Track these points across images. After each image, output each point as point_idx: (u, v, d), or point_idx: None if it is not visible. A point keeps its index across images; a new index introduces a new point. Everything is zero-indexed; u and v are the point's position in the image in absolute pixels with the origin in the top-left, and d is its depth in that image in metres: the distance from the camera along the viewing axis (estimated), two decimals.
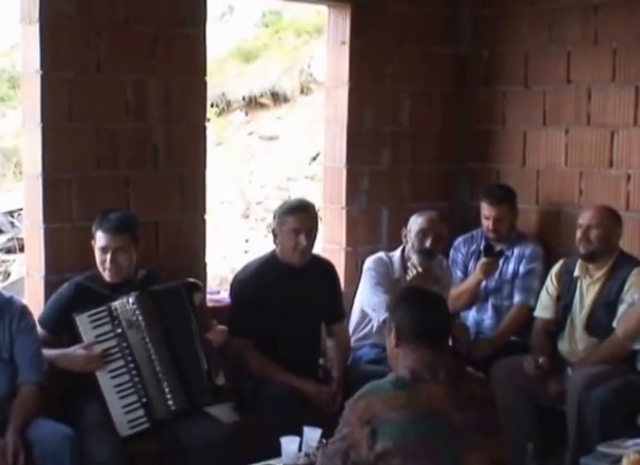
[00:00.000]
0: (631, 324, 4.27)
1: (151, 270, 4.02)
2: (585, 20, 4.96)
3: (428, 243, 4.62)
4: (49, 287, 4.03)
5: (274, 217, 4.33)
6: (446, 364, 2.81)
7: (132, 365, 3.76)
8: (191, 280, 4.00)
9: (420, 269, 4.59)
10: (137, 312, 3.77)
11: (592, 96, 4.97)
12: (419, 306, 2.91)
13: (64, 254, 4.10)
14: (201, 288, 4.03)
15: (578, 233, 4.56)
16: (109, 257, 3.86)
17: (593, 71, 4.95)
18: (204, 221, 4.50)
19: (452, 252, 5.16)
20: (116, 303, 3.76)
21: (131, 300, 3.77)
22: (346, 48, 5.03)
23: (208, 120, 4.68)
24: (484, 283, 4.94)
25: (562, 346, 4.67)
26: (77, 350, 3.71)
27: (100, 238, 3.87)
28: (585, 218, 4.58)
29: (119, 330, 3.75)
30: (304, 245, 4.23)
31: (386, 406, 2.67)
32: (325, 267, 4.46)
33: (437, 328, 2.90)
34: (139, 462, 3.75)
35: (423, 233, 4.64)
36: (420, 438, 2.65)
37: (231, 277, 4.56)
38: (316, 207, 4.49)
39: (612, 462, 3.74)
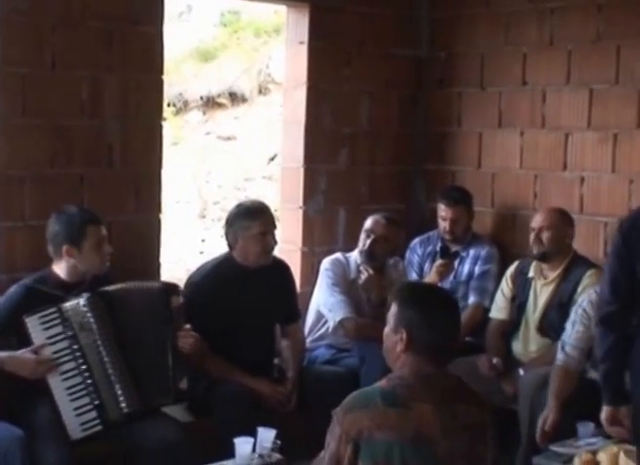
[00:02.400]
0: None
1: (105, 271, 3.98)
2: (540, 23, 5.01)
3: (367, 244, 4.67)
4: (1, 286, 3.96)
5: (230, 223, 4.27)
6: (445, 383, 2.68)
7: (84, 367, 3.70)
8: (171, 282, 3.99)
9: (371, 272, 4.62)
10: (88, 314, 3.71)
11: (547, 98, 5.01)
12: (440, 318, 2.68)
13: (16, 253, 4.06)
14: (179, 291, 3.97)
15: (531, 236, 4.62)
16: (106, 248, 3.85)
17: (549, 73, 4.99)
18: (159, 221, 4.47)
19: (408, 253, 5.18)
20: (67, 305, 3.70)
21: (82, 302, 3.71)
22: (305, 49, 5.03)
23: (165, 119, 4.66)
24: (439, 284, 4.96)
25: (516, 347, 4.71)
26: (25, 353, 3.63)
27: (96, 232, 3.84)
28: (537, 220, 4.63)
29: (71, 332, 3.69)
30: (272, 245, 4.26)
31: (373, 423, 2.56)
32: (280, 268, 4.45)
33: (450, 345, 2.74)
34: (96, 464, 3.71)
35: (366, 234, 4.70)
36: (402, 463, 2.55)
37: (186, 278, 4.53)
38: (274, 208, 4.50)
39: (564, 462, 3.78)
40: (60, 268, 3.84)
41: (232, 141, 8.39)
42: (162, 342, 3.82)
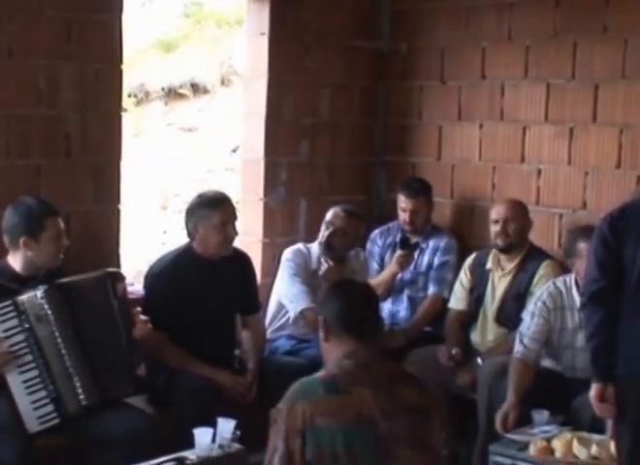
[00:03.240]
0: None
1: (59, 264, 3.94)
2: (499, 17, 5.05)
3: (325, 236, 4.71)
4: None
5: (191, 213, 4.27)
6: (382, 367, 2.76)
7: (41, 360, 3.66)
8: (113, 270, 3.96)
9: (331, 263, 4.64)
10: (45, 306, 3.67)
11: (506, 92, 5.06)
12: (345, 298, 2.86)
13: None
14: (123, 277, 3.97)
15: (495, 227, 4.65)
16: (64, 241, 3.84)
17: (507, 67, 5.04)
18: (118, 211, 4.45)
19: (368, 244, 5.21)
20: (23, 297, 3.65)
21: (39, 294, 3.67)
22: (265, 40, 5.03)
23: (126, 110, 4.64)
24: (399, 275, 5.00)
25: (474, 336, 4.76)
26: None
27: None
28: (500, 212, 4.67)
29: (27, 325, 3.64)
30: (233, 235, 4.25)
31: (315, 412, 2.61)
32: (241, 259, 4.45)
33: (364, 320, 2.83)
34: (55, 457, 3.70)
35: (325, 226, 4.74)
36: (346, 447, 2.60)
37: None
38: (235, 199, 4.50)
39: (520, 449, 3.84)
40: (16, 261, 3.80)
41: (194, 133, 8.35)
42: (117, 332, 3.81)
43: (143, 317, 3.95)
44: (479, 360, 4.54)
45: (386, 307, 5.04)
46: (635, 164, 4.65)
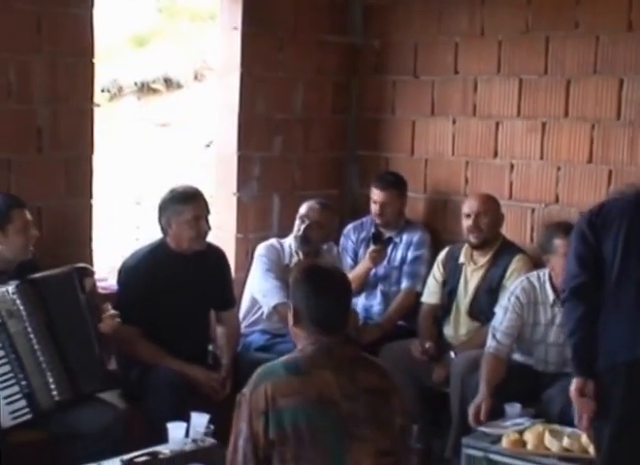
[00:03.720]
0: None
1: (30, 258, 3.91)
2: (472, 13, 5.07)
3: (301, 230, 4.71)
4: None
5: (163, 208, 4.25)
6: (345, 352, 2.79)
7: (13, 356, 3.65)
8: (81, 265, 3.94)
9: (301, 256, 4.65)
10: (17, 302, 3.66)
11: (478, 87, 5.09)
12: (319, 292, 2.81)
13: None
14: (92, 272, 3.96)
15: (468, 222, 4.67)
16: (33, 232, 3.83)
17: (480, 62, 5.06)
18: (90, 206, 4.43)
19: (342, 239, 5.22)
20: None
21: (11, 290, 3.65)
22: (238, 34, 5.01)
23: (98, 105, 4.61)
24: (373, 270, 5.01)
25: (447, 330, 4.79)
26: None
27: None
28: (472, 207, 4.69)
29: None
30: (206, 230, 4.24)
31: (277, 392, 2.64)
32: (215, 254, 4.44)
33: (335, 318, 2.83)
34: (28, 451, 3.68)
35: (300, 220, 4.75)
36: (308, 427, 2.63)
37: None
38: (209, 194, 4.50)
39: (492, 441, 3.87)
40: None
41: (167, 128, 8.33)
42: (86, 327, 3.80)
43: (112, 311, 3.93)
44: (452, 354, 4.56)
45: (359, 302, 5.05)
46: (607, 158, 4.69)
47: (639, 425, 3.29)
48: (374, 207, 5.05)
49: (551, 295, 4.26)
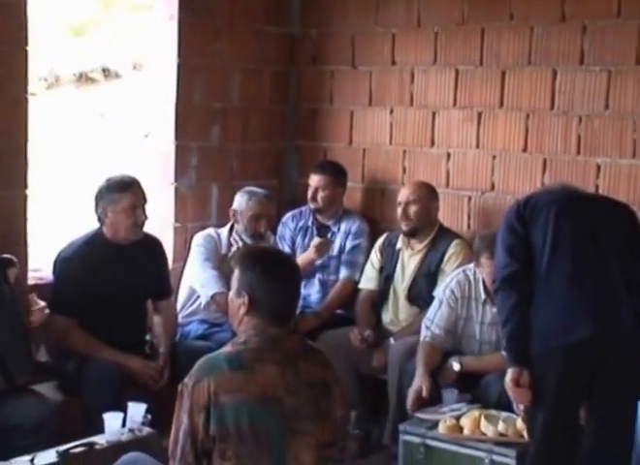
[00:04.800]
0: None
1: None
2: (409, 4, 5.10)
3: (262, 228, 4.71)
4: None
5: (99, 197, 4.22)
6: (290, 344, 2.76)
7: None
8: (4, 256, 3.88)
9: (240, 244, 4.66)
10: None
11: (415, 78, 5.13)
12: (279, 281, 2.77)
13: None
14: (15, 263, 3.88)
15: (398, 211, 4.73)
16: None
17: (416, 53, 5.10)
18: (25, 197, 4.36)
19: (280, 227, 5.23)
20: None
21: None
22: (175, 24, 4.98)
23: (34, 94, 4.54)
24: (317, 262, 5.01)
25: (386, 316, 4.83)
26: None
27: None
28: (403, 195, 4.76)
29: None
30: (143, 219, 4.22)
31: (220, 389, 2.61)
32: (151, 244, 4.42)
33: (291, 308, 2.83)
34: None
35: (256, 218, 4.73)
36: (251, 423, 2.62)
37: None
38: (147, 184, 4.46)
39: (429, 427, 3.92)
40: None
41: (105, 118, 8.25)
42: (11, 318, 3.74)
43: (41, 303, 3.88)
44: (391, 341, 4.59)
45: None
46: (541, 147, 4.76)
47: (572, 411, 3.37)
48: (309, 192, 5.06)
49: (482, 294, 4.32)
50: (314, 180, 5.05)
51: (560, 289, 3.27)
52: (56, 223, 6.98)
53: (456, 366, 4.22)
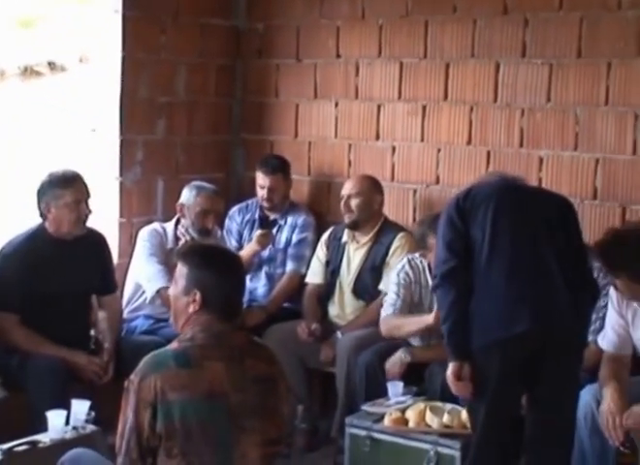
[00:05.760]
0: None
1: None
2: None
3: (209, 224, 4.70)
4: None
5: (42, 192, 4.18)
6: (235, 340, 2.76)
7: None
8: None
9: (187, 237, 4.64)
10: None
11: (360, 70, 5.14)
12: (230, 277, 2.80)
13: None
14: None
15: (341, 203, 4.75)
16: None
17: (361, 46, 5.11)
18: None
19: (227, 221, 5.22)
20: None
21: None
22: (119, 17, 4.94)
23: None
24: (260, 254, 5.02)
25: (333, 310, 4.84)
26: None
27: None
28: (346, 188, 4.78)
29: None
30: (86, 214, 4.19)
31: (167, 385, 2.61)
32: (96, 239, 4.39)
33: (239, 304, 2.86)
34: None
35: (204, 214, 4.72)
36: (197, 420, 2.62)
37: None
38: (92, 178, 4.43)
39: (375, 420, 3.94)
40: None
41: (51, 111, 8.17)
42: None
43: None
44: (339, 334, 4.61)
45: None
46: (485, 140, 4.80)
47: (513, 401, 3.41)
48: (261, 192, 5.06)
49: (430, 281, 4.35)
50: (265, 181, 5.03)
51: (498, 284, 3.29)
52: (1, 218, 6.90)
53: (406, 358, 4.24)
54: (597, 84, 4.47)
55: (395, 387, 4.10)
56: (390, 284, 4.45)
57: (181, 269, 2.80)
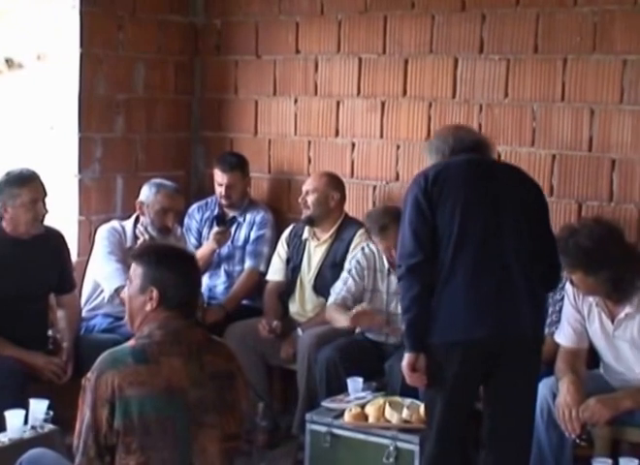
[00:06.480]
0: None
1: None
2: None
3: (169, 222, 4.67)
4: None
5: None
6: (193, 337, 2.77)
7: None
8: None
9: (147, 236, 4.62)
10: None
11: (319, 67, 5.14)
12: (186, 274, 2.81)
13: None
14: None
15: (300, 199, 4.77)
16: None
17: (320, 42, 5.12)
18: None
19: (186, 219, 5.21)
20: None
21: None
22: (77, 14, 4.92)
23: None
24: (218, 251, 5.01)
25: (293, 307, 4.85)
26: None
27: None
28: (305, 185, 4.81)
29: None
30: (43, 213, 4.16)
31: (124, 382, 2.61)
32: (54, 238, 4.36)
33: (195, 300, 2.87)
34: None
35: (164, 212, 4.69)
36: (156, 416, 2.62)
37: None
38: (50, 177, 4.42)
39: (335, 416, 3.94)
40: None
41: (8, 109, 8.07)
42: None
43: None
44: (299, 331, 4.61)
45: (204, 282, 5.03)
46: None
47: (470, 396, 3.42)
48: (220, 190, 5.05)
49: (386, 265, 4.42)
50: (224, 178, 5.02)
51: (462, 285, 3.26)
52: None
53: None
54: (554, 80, 4.51)
55: (354, 383, 4.11)
56: (343, 270, 4.49)
57: (136, 269, 2.81)
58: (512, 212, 3.34)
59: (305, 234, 4.82)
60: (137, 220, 4.77)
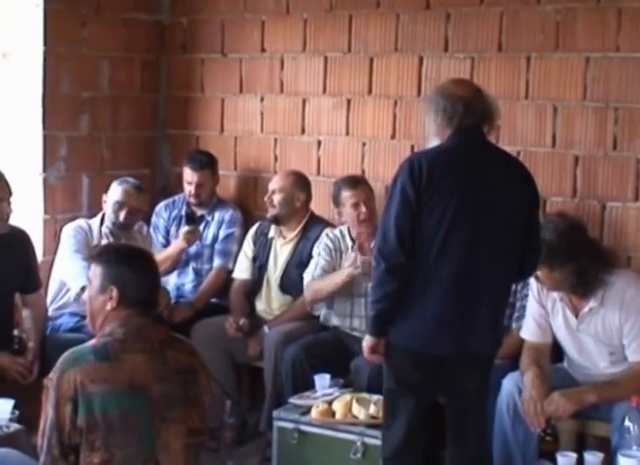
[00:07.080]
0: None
1: None
2: None
3: (122, 217, 4.64)
4: None
5: None
6: (154, 333, 2.77)
7: None
8: None
9: (111, 239, 4.60)
10: None
11: (285, 65, 5.14)
12: (145, 271, 2.83)
13: None
14: None
15: (266, 198, 4.77)
16: None
17: (286, 40, 5.12)
18: None
19: (154, 217, 5.19)
20: None
21: None
22: (40, 11, 4.88)
23: None
24: (188, 250, 5.00)
25: (260, 305, 4.85)
26: None
27: None
28: (271, 183, 4.81)
29: None
30: (8, 212, 4.14)
31: (86, 379, 2.61)
32: (18, 237, 4.33)
33: (155, 298, 2.87)
34: None
35: (118, 206, 4.66)
36: (119, 412, 2.62)
37: None
38: (15, 175, 4.39)
39: (302, 413, 3.96)
40: None
41: None
42: None
43: None
44: (266, 329, 4.62)
45: (172, 280, 5.04)
46: (409, 133, 4.83)
47: (431, 394, 3.45)
48: (189, 188, 5.04)
49: (350, 244, 4.48)
50: (193, 177, 5.01)
51: (436, 297, 3.24)
52: None
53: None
54: (517, 78, 4.54)
55: (322, 380, 4.13)
56: (312, 257, 4.55)
57: (95, 270, 2.82)
58: (502, 222, 3.27)
59: (272, 233, 4.83)
60: (103, 218, 4.75)
